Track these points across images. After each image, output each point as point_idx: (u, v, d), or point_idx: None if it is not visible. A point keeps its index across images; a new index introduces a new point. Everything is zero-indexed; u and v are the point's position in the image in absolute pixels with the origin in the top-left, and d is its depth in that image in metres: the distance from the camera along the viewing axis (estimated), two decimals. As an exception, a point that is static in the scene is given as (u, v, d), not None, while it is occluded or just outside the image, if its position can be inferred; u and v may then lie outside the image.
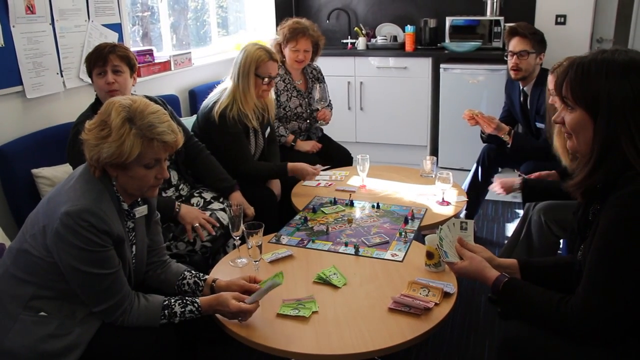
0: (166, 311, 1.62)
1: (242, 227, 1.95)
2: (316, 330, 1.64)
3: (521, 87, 3.12)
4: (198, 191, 2.56)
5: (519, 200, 3.50)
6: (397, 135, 4.96)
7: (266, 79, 2.74)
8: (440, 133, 4.79)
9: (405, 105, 4.83)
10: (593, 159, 1.37)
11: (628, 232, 1.28)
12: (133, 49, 2.97)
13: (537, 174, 2.64)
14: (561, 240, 2.52)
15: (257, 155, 2.95)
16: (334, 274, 1.94)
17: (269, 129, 3.00)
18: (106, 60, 2.28)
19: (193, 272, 1.86)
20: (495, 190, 2.68)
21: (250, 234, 1.90)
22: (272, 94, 2.93)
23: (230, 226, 2.06)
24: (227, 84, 2.79)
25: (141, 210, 1.74)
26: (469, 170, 3.44)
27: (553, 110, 2.44)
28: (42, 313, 1.58)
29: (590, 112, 1.36)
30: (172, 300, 1.65)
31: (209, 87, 3.37)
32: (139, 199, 1.74)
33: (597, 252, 1.34)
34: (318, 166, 2.87)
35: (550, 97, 2.46)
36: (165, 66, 3.28)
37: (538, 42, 3.03)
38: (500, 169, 3.39)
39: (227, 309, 1.62)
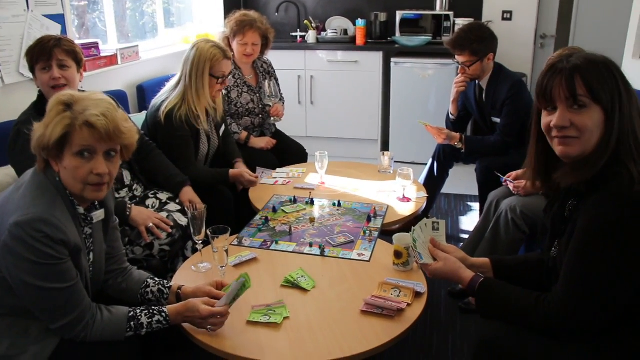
0: (132, 323, 1.51)
1: (208, 231, 1.86)
2: (289, 337, 1.58)
3: (477, 82, 3.15)
4: (153, 192, 2.44)
5: (473, 192, 3.57)
6: (348, 129, 4.95)
7: (220, 79, 2.63)
8: (391, 127, 4.82)
9: (356, 99, 4.83)
10: (608, 155, 1.33)
11: (607, 234, 1.29)
12: (77, 41, 2.80)
13: (514, 175, 2.65)
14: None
15: (210, 155, 2.84)
16: (302, 276, 1.89)
17: (223, 128, 2.90)
18: (51, 55, 2.13)
19: (156, 279, 1.75)
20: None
21: (215, 238, 1.81)
22: (221, 94, 2.82)
23: (192, 229, 1.97)
24: (175, 81, 2.65)
25: (98, 215, 1.62)
26: (421, 164, 3.46)
27: None
28: None
29: (607, 109, 1.33)
30: (138, 311, 1.54)
31: (158, 82, 3.23)
32: (96, 203, 1.62)
33: (575, 251, 1.35)
34: (258, 173, 2.83)
35: None
36: (111, 60, 3.11)
37: (479, 48, 2.99)
38: (455, 164, 3.42)
39: (198, 314, 1.53)
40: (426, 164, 3.43)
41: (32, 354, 1.45)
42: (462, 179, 4.14)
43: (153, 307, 1.56)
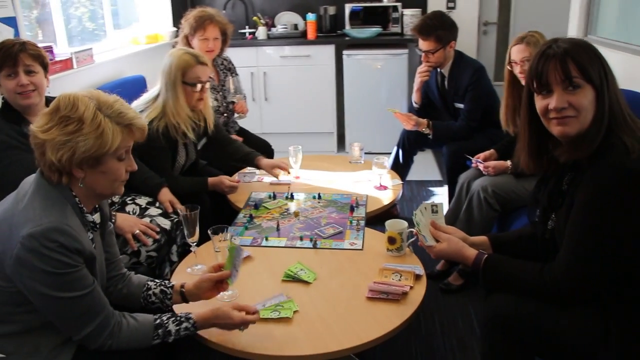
0: (159, 330, 1.47)
1: (209, 231, 1.84)
2: (303, 330, 1.59)
3: (439, 70, 3.24)
4: (131, 198, 2.37)
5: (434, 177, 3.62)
6: (304, 123, 4.96)
7: (197, 86, 2.48)
8: (346, 119, 4.86)
9: (310, 93, 4.85)
10: (604, 129, 1.42)
11: (607, 203, 1.37)
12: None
13: (482, 156, 2.75)
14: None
15: (185, 167, 2.73)
16: (302, 269, 1.90)
17: (204, 140, 2.80)
18: (17, 60, 2.02)
19: (156, 280, 1.71)
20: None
21: (221, 239, 1.80)
22: (209, 103, 2.67)
23: (185, 231, 1.93)
24: (155, 93, 2.52)
25: (95, 219, 1.56)
26: (377, 153, 3.51)
27: (510, 82, 2.59)
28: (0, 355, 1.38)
29: (598, 88, 1.42)
30: (164, 318, 1.50)
31: (115, 86, 3.14)
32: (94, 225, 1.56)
33: (577, 220, 1.43)
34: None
35: (518, 67, 2.55)
36: (66, 64, 2.98)
37: (444, 35, 3.09)
38: (419, 151, 3.51)
39: (230, 321, 1.51)
40: (383, 153, 3.49)
41: None
42: (421, 166, 4.25)
43: (180, 315, 1.52)
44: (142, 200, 2.37)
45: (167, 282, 1.71)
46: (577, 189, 1.45)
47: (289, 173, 2.76)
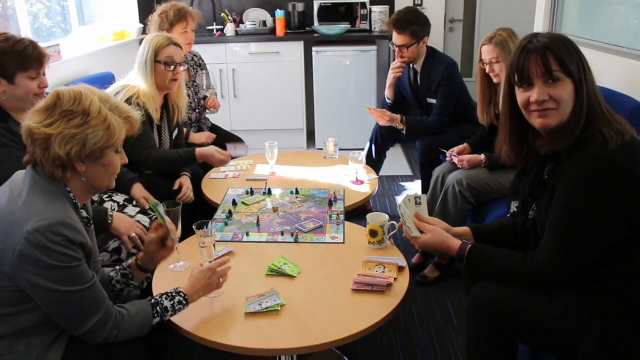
0: (157, 308, 1.50)
1: (193, 226, 1.83)
2: (291, 322, 1.59)
3: (411, 66, 3.28)
4: (107, 195, 2.32)
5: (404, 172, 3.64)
6: (273, 120, 4.95)
7: (170, 66, 2.52)
8: (316, 115, 4.88)
9: (280, 89, 4.84)
10: (582, 121, 1.47)
11: (586, 192, 1.42)
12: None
13: (456, 150, 2.80)
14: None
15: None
16: (285, 263, 1.90)
17: (176, 131, 2.79)
18: (42, 62, 2.01)
19: (115, 268, 1.71)
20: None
21: (205, 234, 1.78)
22: (183, 91, 2.72)
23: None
24: (129, 80, 2.54)
25: (88, 215, 1.56)
26: (346, 149, 3.54)
27: (483, 76, 2.63)
28: None
29: (576, 81, 1.47)
30: (157, 297, 1.54)
31: (85, 82, 3.06)
32: (88, 222, 1.55)
33: (558, 209, 1.48)
34: (229, 150, 2.75)
35: (487, 67, 2.60)
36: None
37: (418, 30, 3.13)
38: (392, 145, 3.55)
39: (208, 276, 1.62)
40: (352, 149, 3.51)
41: None
42: (391, 161, 4.29)
43: (170, 291, 1.57)
44: (119, 197, 2.34)
45: (122, 265, 1.72)
46: (558, 179, 1.49)
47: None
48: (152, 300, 1.53)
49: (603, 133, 1.44)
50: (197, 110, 3.31)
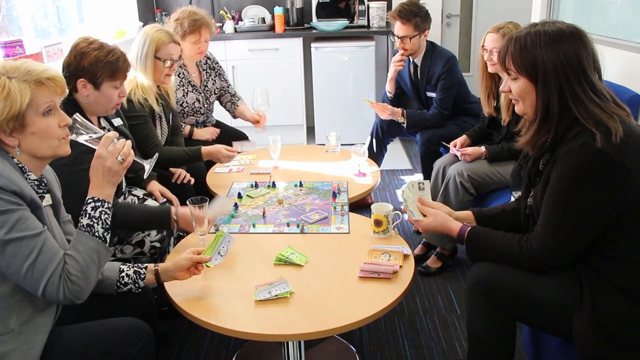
0: (91, 230, 1.47)
1: (188, 202, 1.92)
2: (301, 309, 1.63)
3: (411, 60, 3.32)
4: (126, 189, 2.37)
5: (404, 167, 3.66)
6: (273, 116, 4.94)
7: (168, 62, 2.59)
8: (316, 111, 4.92)
9: (279, 86, 4.87)
10: (538, 119, 1.56)
11: (578, 180, 1.48)
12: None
13: (458, 143, 2.85)
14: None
15: (162, 142, 2.78)
16: (292, 253, 1.94)
17: (170, 115, 2.85)
18: (126, 74, 2.12)
19: (128, 264, 1.72)
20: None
21: (198, 208, 1.90)
22: (172, 79, 2.79)
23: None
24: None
25: (47, 199, 1.55)
26: (348, 145, 3.58)
27: (484, 66, 2.66)
28: None
29: (532, 79, 1.54)
30: (82, 228, 1.49)
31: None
32: (43, 189, 1.55)
33: (551, 196, 1.54)
34: (235, 147, 2.79)
35: (486, 54, 2.64)
36: (36, 58, 2.92)
37: (421, 22, 3.17)
38: (392, 139, 3.59)
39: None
40: (352, 144, 3.55)
41: (22, 349, 1.39)
42: (391, 156, 4.33)
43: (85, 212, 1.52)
44: (139, 192, 2.41)
45: (140, 264, 1.73)
46: (552, 168, 1.54)
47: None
48: (83, 230, 1.48)
49: (593, 128, 1.46)
50: (205, 114, 3.34)
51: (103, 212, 1.50)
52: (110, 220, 1.51)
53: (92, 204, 1.50)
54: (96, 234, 1.48)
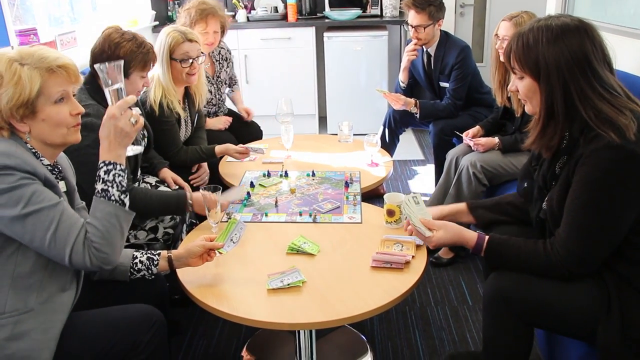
0: (107, 194, 1.48)
1: (201, 189, 1.96)
2: (313, 298, 1.63)
3: (425, 49, 3.29)
4: (141, 176, 2.39)
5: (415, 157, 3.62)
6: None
7: (186, 62, 2.54)
8: (328, 101, 4.90)
9: (292, 75, 4.86)
10: (542, 118, 1.52)
11: (606, 183, 1.43)
12: (13, 27, 2.64)
13: (471, 133, 2.83)
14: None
15: (183, 141, 2.80)
16: (305, 242, 1.94)
17: (196, 116, 2.85)
18: (151, 66, 2.20)
19: (141, 251, 1.74)
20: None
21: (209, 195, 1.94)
22: (203, 79, 2.76)
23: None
24: (154, 71, 2.56)
25: (61, 186, 1.56)
26: (359, 135, 3.57)
27: (497, 56, 2.64)
28: None
29: (535, 78, 1.50)
30: (98, 193, 1.49)
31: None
32: (57, 175, 1.56)
33: (577, 199, 1.48)
34: (249, 147, 2.79)
35: (497, 42, 2.62)
36: (50, 47, 2.94)
37: (435, 12, 3.15)
38: (405, 129, 3.57)
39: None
40: (364, 134, 3.54)
41: (42, 328, 1.41)
42: (404, 146, 4.32)
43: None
44: (151, 179, 2.44)
45: (154, 251, 1.74)
46: (574, 171, 1.49)
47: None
48: (99, 196, 1.48)
49: (609, 130, 1.42)
50: (217, 105, 3.34)
51: (117, 175, 1.48)
52: (126, 187, 1.50)
53: (105, 168, 1.48)
54: (112, 197, 1.47)
